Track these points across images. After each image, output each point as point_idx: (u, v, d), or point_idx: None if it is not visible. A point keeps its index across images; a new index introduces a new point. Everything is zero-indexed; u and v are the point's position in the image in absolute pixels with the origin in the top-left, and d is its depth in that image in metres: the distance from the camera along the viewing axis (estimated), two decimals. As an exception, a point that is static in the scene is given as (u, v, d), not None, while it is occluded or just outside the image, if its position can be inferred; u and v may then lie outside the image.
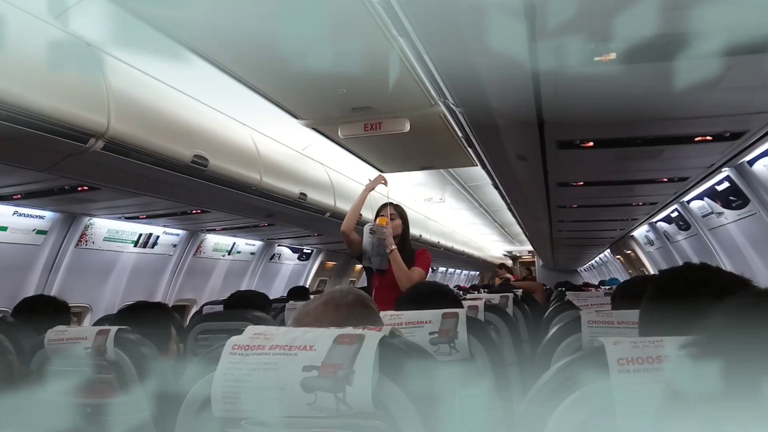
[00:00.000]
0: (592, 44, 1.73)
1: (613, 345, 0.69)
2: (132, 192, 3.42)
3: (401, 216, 3.10)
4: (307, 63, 2.82)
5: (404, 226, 3.09)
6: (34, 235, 3.87)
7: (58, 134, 2.25)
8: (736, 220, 4.24)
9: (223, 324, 2.54)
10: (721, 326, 0.48)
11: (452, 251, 10.41)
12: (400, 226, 3.06)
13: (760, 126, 2.58)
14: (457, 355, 1.41)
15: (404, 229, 3.08)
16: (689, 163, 3.39)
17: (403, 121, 3.74)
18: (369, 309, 1.06)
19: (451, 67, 2.05)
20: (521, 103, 2.28)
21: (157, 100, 2.84)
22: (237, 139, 3.55)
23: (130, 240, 4.67)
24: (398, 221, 3.07)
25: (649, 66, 1.86)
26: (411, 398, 0.71)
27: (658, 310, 1.02)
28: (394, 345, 0.76)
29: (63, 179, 2.99)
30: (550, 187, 4.00)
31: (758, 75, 1.94)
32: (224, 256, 5.99)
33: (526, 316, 2.98)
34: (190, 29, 2.57)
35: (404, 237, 3.07)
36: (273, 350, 0.75)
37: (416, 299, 1.71)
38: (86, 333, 1.58)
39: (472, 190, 7.70)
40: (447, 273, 16.19)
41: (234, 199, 3.80)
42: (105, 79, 2.42)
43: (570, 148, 2.88)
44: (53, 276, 4.07)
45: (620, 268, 10.62)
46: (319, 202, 4.64)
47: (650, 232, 6.89)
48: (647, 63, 1.83)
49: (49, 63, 2.17)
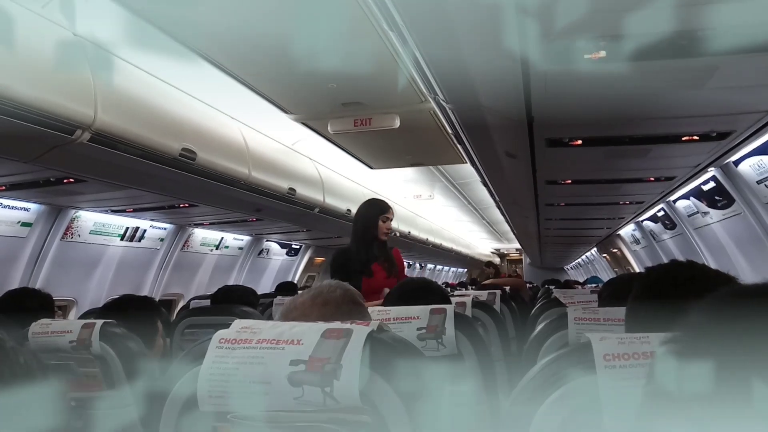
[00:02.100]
0: (582, 42, 1.74)
1: (599, 341, 0.69)
2: (119, 185, 3.39)
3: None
4: (297, 57, 2.80)
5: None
6: (18, 228, 3.82)
7: (44, 125, 2.22)
8: (721, 220, 4.29)
9: (210, 318, 2.53)
10: (700, 323, 0.48)
11: (441, 248, 10.43)
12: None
13: (747, 126, 2.61)
14: (445, 351, 1.42)
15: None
16: (676, 163, 3.42)
17: (392, 117, 3.73)
18: (357, 304, 1.06)
19: (441, 62, 2.05)
20: (511, 100, 2.29)
21: (145, 93, 2.81)
22: (226, 133, 3.53)
23: (117, 233, 4.64)
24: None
25: (638, 65, 1.87)
26: (398, 393, 0.71)
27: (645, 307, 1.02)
28: (382, 340, 0.76)
29: (49, 171, 2.95)
30: (538, 185, 4.02)
31: (746, 75, 1.96)
32: (212, 250, 5.96)
33: (513, 313, 3.00)
34: (179, 22, 2.54)
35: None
36: (260, 344, 0.74)
37: (404, 296, 1.71)
38: (71, 326, 1.56)
39: (461, 188, 7.72)
40: (435, 270, 16.23)
41: (222, 194, 3.78)
42: (92, 71, 2.39)
43: (559, 146, 2.90)
44: (38, 269, 4.03)
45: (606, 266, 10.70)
46: (308, 198, 4.63)
47: (636, 231, 6.95)
48: (636, 62, 1.84)
49: (35, 53, 2.14)
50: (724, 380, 0.41)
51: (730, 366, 0.41)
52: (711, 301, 0.49)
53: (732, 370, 0.41)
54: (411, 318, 1.45)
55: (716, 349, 0.43)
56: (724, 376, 0.41)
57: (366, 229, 2.88)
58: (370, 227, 2.87)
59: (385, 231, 2.89)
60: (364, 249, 2.85)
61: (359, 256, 2.83)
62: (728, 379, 0.41)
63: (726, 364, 0.42)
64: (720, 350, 0.43)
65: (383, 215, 2.89)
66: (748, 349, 0.41)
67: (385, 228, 2.89)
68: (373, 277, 2.82)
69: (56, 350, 1.55)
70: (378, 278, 2.83)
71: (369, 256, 2.86)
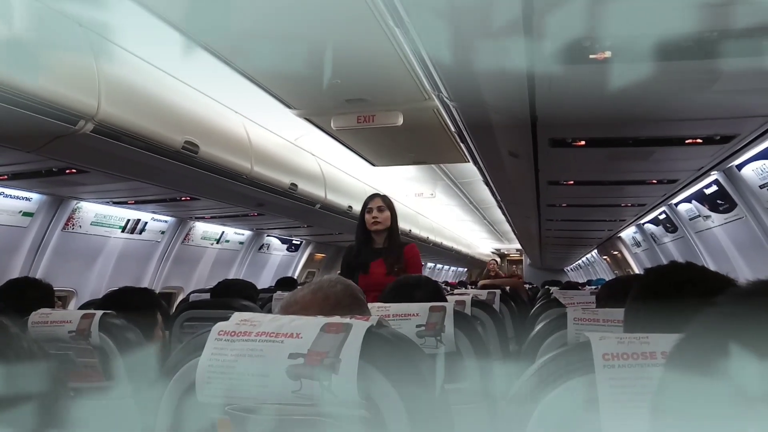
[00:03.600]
0: (588, 42, 1.74)
1: (599, 340, 0.69)
2: (121, 176, 3.39)
3: (389, 208, 3.01)
4: (303, 53, 2.80)
5: (393, 218, 3.01)
6: (20, 217, 3.83)
7: (47, 115, 2.22)
8: (722, 224, 4.28)
9: (209, 312, 2.53)
10: (704, 329, 0.47)
11: (441, 247, 10.43)
12: (389, 218, 2.99)
13: (751, 130, 2.61)
14: (443, 349, 1.42)
15: (393, 221, 3.00)
16: (679, 166, 3.42)
17: (396, 115, 3.72)
18: (357, 299, 1.06)
19: (446, 60, 2.05)
20: (515, 99, 2.28)
21: (149, 85, 2.81)
22: (229, 127, 3.53)
23: (118, 225, 4.64)
24: (387, 213, 2.99)
25: (643, 66, 1.86)
26: (396, 388, 0.71)
27: (644, 308, 1.02)
28: (381, 335, 0.75)
29: (51, 161, 2.95)
30: (540, 185, 4.02)
31: (751, 79, 1.95)
32: (213, 244, 5.96)
33: (513, 313, 3.00)
34: (184, 15, 2.54)
35: (392, 230, 3.01)
36: (259, 337, 0.74)
37: (401, 293, 1.70)
38: (71, 316, 1.56)
39: (462, 187, 7.71)
40: (435, 269, 16.24)
41: (224, 187, 3.78)
42: (96, 61, 2.39)
43: (562, 146, 2.89)
44: (39, 259, 4.04)
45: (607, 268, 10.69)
46: (310, 194, 4.63)
47: (637, 234, 6.94)
48: (641, 63, 1.83)
49: (40, 43, 2.14)
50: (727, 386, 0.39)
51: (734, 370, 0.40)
52: (714, 307, 0.46)
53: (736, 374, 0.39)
54: (410, 315, 1.45)
55: (720, 355, 0.41)
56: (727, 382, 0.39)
57: (359, 225, 2.95)
58: (361, 222, 2.93)
59: (372, 222, 2.89)
60: (358, 245, 2.91)
61: (356, 252, 2.90)
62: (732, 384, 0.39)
63: (730, 368, 0.40)
64: (724, 355, 0.41)
65: (366, 207, 2.92)
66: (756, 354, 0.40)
67: (371, 219, 2.89)
68: (369, 274, 2.82)
69: (55, 340, 1.56)
70: (375, 275, 2.82)
71: (365, 252, 2.88)
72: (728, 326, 0.44)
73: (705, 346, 0.45)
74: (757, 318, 0.43)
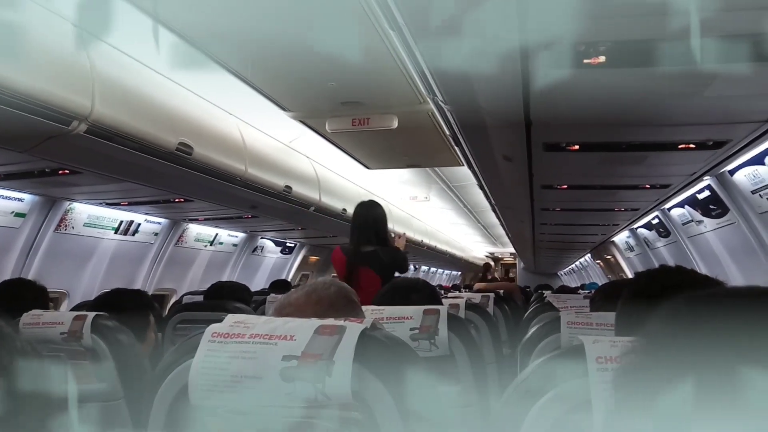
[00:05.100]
0: (582, 47, 1.74)
1: (592, 343, 0.70)
2: (114, 178, 3.37)
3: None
4: (298, 55, 2.80)
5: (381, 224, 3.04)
6: (12, 218, 3.80)
7: (40, 115, 2.20)
8: (714, 229, 4.30)
9: (202, 314, 2.52)
10: (657, 330, 0.48)
11: (435, 250, 10.43)
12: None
13: (743, 135, 2.62)
14: (437, 352, 1.42)
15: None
16: (672, 171, 3.43)
17: (391, 118, 3.73)
18: (351, 302, 1.06)
19: (441, 63, 2.05)
20: (510, 103, 2.29)
21: (143, 85, 2.80)
22: (223, 129, 3.52)
23: (111, 227, 4.62)
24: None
25: (637, 71, 1.88)
26: (390, 391, 0.71)
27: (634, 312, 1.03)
28: (375, 337, 0.75)
29: (43, 161, 2.94)
30: (534, 189, 4.03)
31: (744, 84, 1.96)
32: (206, 246, 5.94)
33: (506, 316, 3.00)
34: (179, 16, 2.54)
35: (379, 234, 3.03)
36: (253, 339, 0.74)
37: (395, 296, 1.70)
38: (63, 318, 1.55)
39: (457, 190, 7.72)
40: (429, 272, 16.24)
41: (218, 189, 3.77)
42: (90, 61, 2.38)
43: (556, 150, 2.90)
44: (30, 260, 4.01)
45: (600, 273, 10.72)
46: (304, 196, 4.62)
47: (631, 238, 6.97)
48: (635, 68, 1.84)
49: (33, 42, 2.13)
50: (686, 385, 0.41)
51: (690, 370, 0.41)
52: (667, 307, 0.49)
53: (692, 374, 0.41)
54: (404, 318, 1.45)
55: (674, 355, 0.44)
56: (685, 382, 0.41)
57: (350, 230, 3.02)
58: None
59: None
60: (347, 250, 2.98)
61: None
62: (689, 383, 0.41)
63: (686, 368, 0.42)
64: (678, 355, 0.43)
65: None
66: (703, 356, 0.41)
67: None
68: (356, 280, 2.86)
69: (47, 341, 1.54)
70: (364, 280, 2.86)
71: (355, 258, 2.93)
72: (672, 329, 0.46)
73: (652, 348, 0.47)
74: (700, 324, 0.44)
